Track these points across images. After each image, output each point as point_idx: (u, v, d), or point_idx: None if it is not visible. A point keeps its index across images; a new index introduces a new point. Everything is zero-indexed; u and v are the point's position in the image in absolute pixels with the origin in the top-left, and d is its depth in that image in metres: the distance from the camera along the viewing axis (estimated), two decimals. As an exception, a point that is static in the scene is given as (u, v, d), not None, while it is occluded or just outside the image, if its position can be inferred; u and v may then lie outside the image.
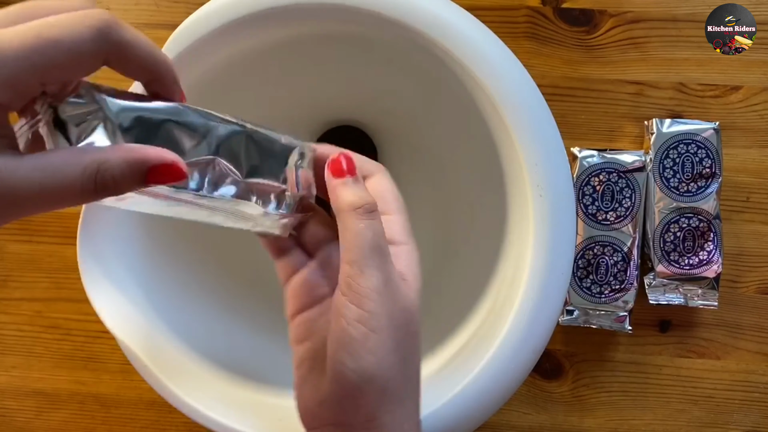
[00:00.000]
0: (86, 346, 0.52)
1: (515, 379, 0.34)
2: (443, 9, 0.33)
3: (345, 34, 0.36)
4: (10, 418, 0.53)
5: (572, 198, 0.34)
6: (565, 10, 0.48)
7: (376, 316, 0.26)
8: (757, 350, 0.49)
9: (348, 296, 0.27)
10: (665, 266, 0.47)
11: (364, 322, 0.26)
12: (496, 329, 0.34)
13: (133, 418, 0.52)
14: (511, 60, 0.34)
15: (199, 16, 0.34)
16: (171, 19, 0.50)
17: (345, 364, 0.26)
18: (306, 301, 0.31)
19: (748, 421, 0.49)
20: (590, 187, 0.47)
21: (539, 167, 0.32)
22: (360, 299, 0.26)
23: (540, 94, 0.34)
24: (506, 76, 0.33)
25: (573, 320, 0.47)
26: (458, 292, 0.42)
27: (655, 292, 0.47)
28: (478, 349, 0.34)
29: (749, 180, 0.48)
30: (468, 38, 0.33)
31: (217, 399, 0.36)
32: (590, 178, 0.47)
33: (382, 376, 0.26)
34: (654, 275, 0.47)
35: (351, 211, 0.27)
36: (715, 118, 0.48)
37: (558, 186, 0.33)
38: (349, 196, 0.28)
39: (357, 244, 0.27)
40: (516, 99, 0.32)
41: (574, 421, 0.50)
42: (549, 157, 0.32)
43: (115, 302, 0.35)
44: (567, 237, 0.33)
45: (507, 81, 0.32)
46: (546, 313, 0.33)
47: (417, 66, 0.36)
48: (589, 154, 0.47)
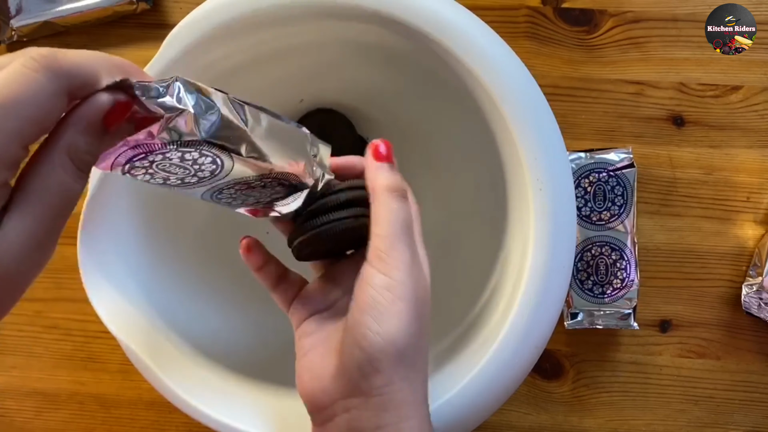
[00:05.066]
0: (86, 346, 0.52)
1: (518, 373, 0.34)
2: (441, 5, 0.33)
3: (345, 34, 0.36)
4: (10, 418, 0.53)
5: (572, 191, 0.34)
6: (565, 10, 0.48)
7: (402, 286, 0.28)
8: (757, 350, 0.49)
9: (377, 267, 0.28)
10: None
11: (391, 289, 0.28)
12: (497, 325, 0.34)
13: (132, 418, 0.52)
14: (508, 54, 0.34)
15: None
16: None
17: (370, 327, 0.27)
18: (319, 307, 0.33)
19: (748, 421, 0.49)
20: (581, 189, 0.47)
21: (539, 161, 0.32)
22: (389, 269, 0.28)
23: (539, 90, 0.34)
24: (504, 70, 0.33)
25: (578, 323, 0.47)
26: (459, 286, 0.42)
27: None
28: (480, 346, 0.34)
29: (749, 180, 0.48)
30: (466, 33, 0.33)
31: (218, 397, 0.36)
32: (581, 180, 0.47)
33: (403, 342, 0.27)
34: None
35: (388, 192, 0.30)
36: (715, 118, 0.48)
37: (558, 180, 0.33)
38: (387, 179, 0.30)
39: (390, 221, 0.29)
40: (515, 93, 0.32)
41: (574, 421, 0.50)
42: (548, 152, 0.33)
43: (115, 302, 0.35)
44: (567, 230, 0.33)
45: (505, 75, 0.33)
46: (548, 307, 0.33)
47: (415, 63, 0.36)
48: (577, 156, 0.47)
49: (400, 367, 0.27)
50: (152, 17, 0.50)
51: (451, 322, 0.38)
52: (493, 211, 0.38)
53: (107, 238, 0.36)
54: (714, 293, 0.49)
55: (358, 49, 0.38)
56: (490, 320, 0.36)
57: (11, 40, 0.49)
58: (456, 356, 0.36)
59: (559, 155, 0.33)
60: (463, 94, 0.34)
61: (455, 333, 0.38)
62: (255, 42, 0.36)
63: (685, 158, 0.48)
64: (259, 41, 0.35)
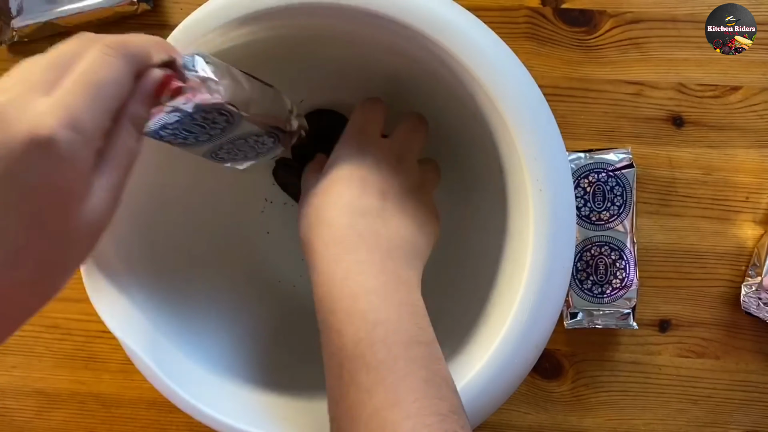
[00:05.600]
0: (87, 345, 0.52)
1: (518, 373, 0.34)
2: (439, 6, 0.33)
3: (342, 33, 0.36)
4: (11, 418, 0.53)
5: (572, 192, 0.34)
6: (565, 10, 0.48)
7: (336, 169, 0.34)
8: (756, 350, 0.49)
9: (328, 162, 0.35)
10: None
11: (325, 174, 0.34)
12: (497, 324, 0.34)
13: (133, 418, 0.52)
14: (507, 55, 0.34)
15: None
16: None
17: (300, 212, 0.34)
18: None
19: (748, 420, 0.49)
20: (581, 189, 0.47)
21: (538, 161, 0.32)
22: (331, 161, 0.35)
23: (538, 90, 0.34)
24: (503, 71, 0.33)
25: (578, 323, 0.48)
26: (459, 286, 0.42)
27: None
28: (480, 346, 0.34)
29: (748, 180, 0.48)
30: (466, 35, 0.33)
31: (220, 398, 0.36)
32: (580, 180, 0.47)
33: (325, 222, 0.33)
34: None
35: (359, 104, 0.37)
36: (715, 118, 0.48)
37: (557, 180, 0.33)
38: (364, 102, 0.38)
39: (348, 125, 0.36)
40: (514, 94, 0.32)
41: (573, 421, 0.50)
42: (548, 152, 0.33)
43: (116, 302, 0.35)
44: (567, 230, 0.33)
45: (504, 76, 0.32)
46: (548, 307, 0.33)
47: (415, 63, 0.36)
48: (576, 157, 0.47)
49: (332, 246, 0.31)
50: (153, 18, 0.50)
51: (451, 322, 0.38)
52: (492, 211, 0.38)
53: (108, 238, 0.36)
54: (713, 293, 0.49)
55: (359, 49, 0.38)
56: (489, 320, 0.36)
57: (12, 41, 0.49)
58: (456, 356, 0.36)
59: (559, 156, 0.33)
60: (462, 94, 0.34)
61: (455, 333, 0.38)
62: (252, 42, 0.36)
63: (684, 158, 0.48)
64: (257, 40, 0.36)
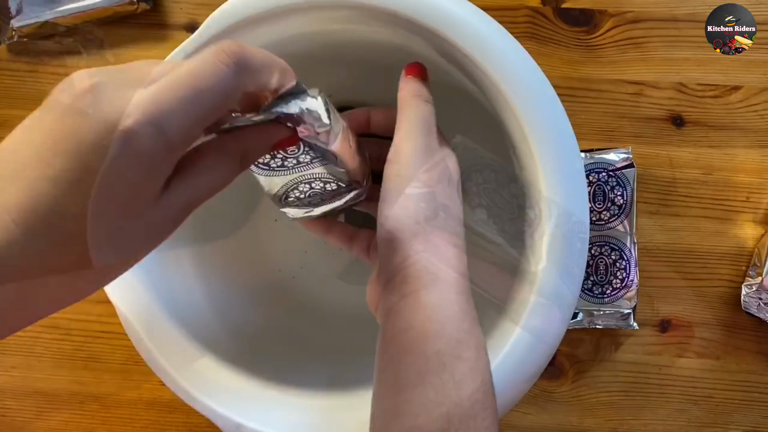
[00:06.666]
0: (86, 346, 0.52)
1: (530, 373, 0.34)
2: (456, 6, 0.33)
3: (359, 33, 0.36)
4: (10, 418, 0.53)
5: (585, 192, 0.34)
6: (565, 10, 0.48)
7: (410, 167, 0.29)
8: (756, 350, 0.49)
9: (392, 158, 0.30)
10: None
11: (400, 173, 0.29)
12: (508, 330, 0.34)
13: (133, 418, 0.52)
14: (524, 57, 0.34)
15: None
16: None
17: (382, 213, 0.29)
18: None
19: (748, 421, 0.49)
20: None
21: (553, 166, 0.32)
22: (400, 157, 0.30)
23: (554, 93, 0.34)
24: (519, 72, 0.33)
25: (578, 323, 0.48)
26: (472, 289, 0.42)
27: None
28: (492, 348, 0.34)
29: (749, 180, 0.48)
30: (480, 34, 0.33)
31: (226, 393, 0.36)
32: None
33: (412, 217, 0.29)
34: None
35: (413, 96, 0.32)
36: (715, 118, 0.48)
37: (571, 183, 0.33)
38: (415, 88, 0.32)
39: (409, 118, 0.31)
40: (530, 95, 0.33)
41: (573, 421, 0.50)
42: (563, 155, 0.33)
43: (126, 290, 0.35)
44: (580, 232, 0.33)
45: (520, 78, 0.33)
46: (558, 315, 0.33)
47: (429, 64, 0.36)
48: None
49: (414, 242, 0.28)
50: (152, 17, 0.50)
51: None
52: (505, 212, 0.38)
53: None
54: (714, 293, 0.49)
55: (371, 47, 0.38)
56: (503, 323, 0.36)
57: (12, 40, 0.49)
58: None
59: (573, 159, 0.33)
60: (473, 93, 0.34)
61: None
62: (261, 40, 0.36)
63: (684, 158, 0.48)
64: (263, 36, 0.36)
